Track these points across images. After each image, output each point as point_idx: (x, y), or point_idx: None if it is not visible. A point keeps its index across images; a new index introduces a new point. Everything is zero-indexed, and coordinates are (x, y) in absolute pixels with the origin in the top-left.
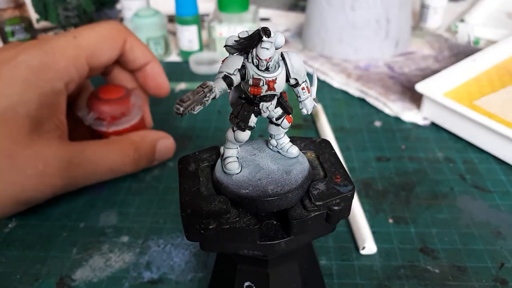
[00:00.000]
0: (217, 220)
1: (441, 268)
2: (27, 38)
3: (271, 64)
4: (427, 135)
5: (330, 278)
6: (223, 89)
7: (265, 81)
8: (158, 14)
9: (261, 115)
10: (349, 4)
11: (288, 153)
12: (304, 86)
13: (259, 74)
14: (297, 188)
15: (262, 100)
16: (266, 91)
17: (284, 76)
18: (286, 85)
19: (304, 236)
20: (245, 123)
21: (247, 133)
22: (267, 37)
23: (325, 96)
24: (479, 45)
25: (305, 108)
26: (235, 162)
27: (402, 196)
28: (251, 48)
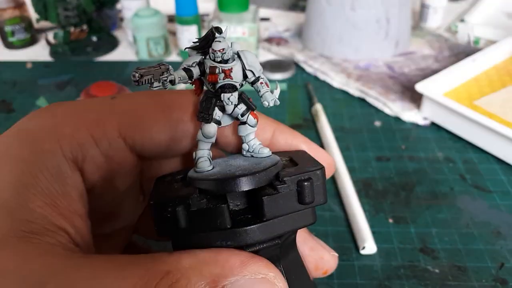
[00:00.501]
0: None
1: (441, 268)
2: (27, 38)
3: (226, 56)
4: (427, 135)
5: (330, 278)
6: (183, 76)
7: (221, 69)
8: (158, 14)
9: (225, 110)
10: (349, 4)
11: (260, 153)
12: (262, 81)
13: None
14: (265, 170)
15: (223, 91)
16: (223, 79)
17: (240, 68)
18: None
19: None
20: (209, 114)
21: (213, 126)
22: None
23: (325, 96)
24: (479, 45)
25: (266, 101)
26: (206, 161)
27: (402, 196)
28: (208, 46)
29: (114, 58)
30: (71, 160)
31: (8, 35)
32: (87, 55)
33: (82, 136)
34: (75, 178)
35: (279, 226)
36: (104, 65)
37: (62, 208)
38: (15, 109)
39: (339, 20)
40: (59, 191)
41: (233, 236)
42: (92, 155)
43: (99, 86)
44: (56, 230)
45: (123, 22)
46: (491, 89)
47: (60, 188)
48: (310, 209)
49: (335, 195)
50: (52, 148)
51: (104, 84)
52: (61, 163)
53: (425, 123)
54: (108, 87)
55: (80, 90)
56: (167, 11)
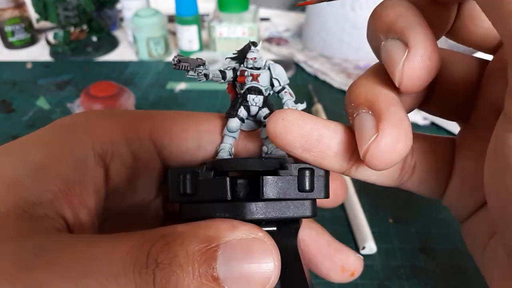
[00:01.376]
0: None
1: (441, 268)
2: (27, 38)
3: (257, 64)
4: None
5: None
6: (217, 74)
7: (250, 73)
8: (158, 14)
9: (250, 111)
10: (349, 4)
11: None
12: (287, 91)
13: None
14: (273, 157)
15: (249, 92)
16: (250, 81)
17: (267, 75)
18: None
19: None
20: (234, 110)
21: (236, 121)
22: (254, 47)
23: (325, 96)
24: None
25: (286, 107)
26: (226, 152)
27: (402, 196)
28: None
29: (114, 58)
30: (99, 155)
31: (8, 35)
32: (87, 55)
33: (114, 134)
34: (97, 172)
35: (276, 209)
36: (104, 65)
37: (72, 196)
38: (15, 109)
39: (339, 20)
40: (76, 180)
41: (232, 209)
42: (121, 153)
43: (99, 86)
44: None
45: (123, 22)
46: None
47: (78, 177)
48: (310, 201)
49: None
50: (82, 140)
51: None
52: (87, 154)
53: (425, 123)
54: (108, 87)
55: (80, 90)
56: (167, 11)
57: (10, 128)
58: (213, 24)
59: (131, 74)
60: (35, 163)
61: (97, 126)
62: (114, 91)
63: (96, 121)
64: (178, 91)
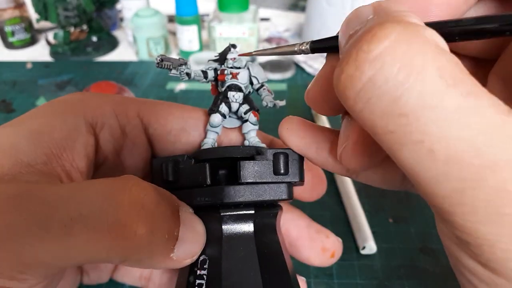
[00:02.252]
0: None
1: (441, 268)
2: (27, 38)
3: (236, 64)
4: None
5: (330, 278)
6: (199, 74)
7: (230, 71)
8: (158, 14)
9: (231, 107)
10: (349, 4)
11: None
12: (265, 88)
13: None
14: (250, 145)
15: (230, 89)
16: (230, 79)
17: (246, 74)
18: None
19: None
20: (216, 106)
21: (217, 117)
22: (233, 48)
23: None
24: None
25: (264, 101)
26: (210, 145)
27: (402, 196)
28: (225, 57)
29: (114, 58)
30: (90, 124)
31: (8, 35)
32: (87, 55)
33: (105, 108)
34: (88, 139)
35: (253, 193)
36: (104, 65)
37: (65, 160)
38: (15, 109)
39: (339, 20)
40: (69, 145)
41: (211, 193)
42: (110, 124)
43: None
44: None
45: (123, 22)
46: None
47: (70, 143)
48: (285, 184)
49: (335, 195)
50: (75, 111)
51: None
52: (79, 122)
53: None
54: (108, 87)
55: (80, 90)
56: (167, 11)
57: None
58: (213, 24)
59: (131, 74)
60: (31, 130)
61: (89, 101)
62: (114, 91)
63: (88, 98)
64: (178, 91)
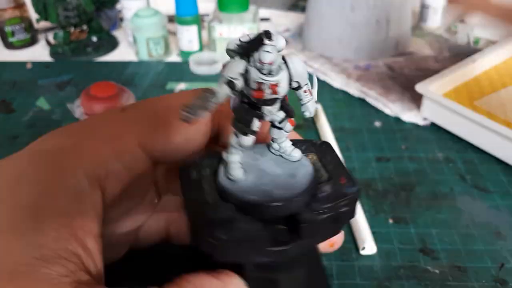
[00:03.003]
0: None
1: (441, 268)
2: (27, 38)
3: (274, 67)
4: (427, 135)
5: (330, 278)
6: (227, 94)
7: (269, 85)
8: (158, 14)
9: (263, 119)
10: (349, 4)
11: (290, 156)
12: (306, 89)
13: (262, 78)
14: (304, 192)
15: (265, 104)
16: (270, 94)
17: (287, 80)
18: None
19: (314, 239)
20: (248, 128)
21: (251, 138)
22: (269, 41)
23: (325, 96)
24: (479, 45)
25: (307, 111)
26: (240, 168)
27: (402, 196)
28: (253, 51)
29: (114, 58)
30: (93, 178)
31: (8, 35)
32: (87, 55)
33: (103, 152)
34: (95, 196)
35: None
36: (104, 65)
37: (76, 228)
38: (15, 109)
39: (339, 21)
40: (76, 210)
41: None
42: (114, 169)
43: (99, 86)
44: (67, 256)
45: (123, 22)
46: (491, 89)
47: (77, 207)
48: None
49: None
50: (72, 166)
51: (104, 84)
52: (81, 181)
53: (425, 123)
54: (108, 87)
55: (80, 90)
56: (167, 11)
57: (10, 128)
58: (213, 24)
59: (131, 74)
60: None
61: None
62: (114, 91)
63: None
64: (179, 91)
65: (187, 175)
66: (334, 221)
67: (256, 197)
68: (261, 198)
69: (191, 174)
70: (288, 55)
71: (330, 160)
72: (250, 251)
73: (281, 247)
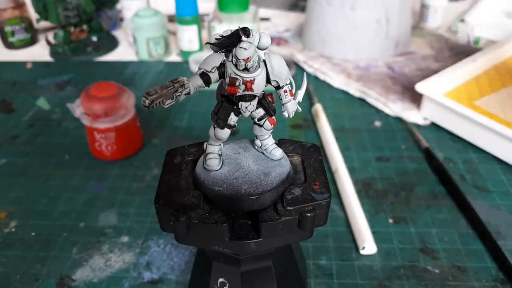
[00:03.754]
0: (187, 214)
1: (441, 268)
2: (27, 38)
3: (250, 64)
4: (427, 135)
5: (330, 278)
6: (199, 85)
7: (242, 80)
8: (158, 14)
9: (241, 115)
10: (349, 4)
11: (271, 155)
12: (286, 89)
13: (236, 73)
14: (271, 190)
15: (241, 99)
16: (243, 91)
17: (263, 78)
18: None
19: (276, 239)
20: (224, 121)
21: (226, 131)
22: (246, 37)
23: (325, 96)
24: (479, 45)
25: (286, 111)
26: (216, 159)
27: (402, 196)
28: (231, 47)
29: (114, 58)
30: None
31: (8, 35)
32: (87, 55)
33: None
34: None
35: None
36: (104, 65)
37: None
38: (15, 109)
39: (339, 20)
40: None
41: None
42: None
43: (99, 86)
44: None
45: (123, 22)
46: (491, 89)
47: None
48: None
49: (335, 195)
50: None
51: (104, 84)
52: None
53: (425, 123)
54: (108, 87)
55: (80, 90)
56: (167, 11)
57: (10, 128)
58: (213, 24)
59: (131, 74)
60: None
61: None
62: (114, 91)
63: None
64: None
65: (171, 159)
66: (299, 225)
67: (222, 189)
68: (227, 191)
69: (175, 158)
70: (268, 54)
71: (313, 163)
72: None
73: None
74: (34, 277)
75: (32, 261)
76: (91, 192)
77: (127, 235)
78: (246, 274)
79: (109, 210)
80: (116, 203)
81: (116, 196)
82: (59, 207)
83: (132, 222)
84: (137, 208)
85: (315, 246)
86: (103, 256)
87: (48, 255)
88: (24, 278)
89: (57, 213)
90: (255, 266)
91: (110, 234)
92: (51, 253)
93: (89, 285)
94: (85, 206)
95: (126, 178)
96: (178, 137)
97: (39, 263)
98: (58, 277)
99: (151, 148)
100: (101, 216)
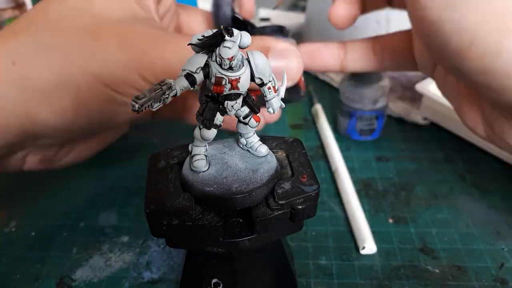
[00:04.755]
0: (180, 217)
1: (441, 268)
2: None
3: (234, 63)
4: (427, 135)
5: (330, 278)
6: (185, 87)
7: (228, 80)
8: None
9: (227, 114)
10: None
11: (257, 152)
12: (270, 86)
13: (221, 72)
14: (261, 186)
15: (227, 98)
16: (229, 90)
17: (248, 76)
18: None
19: (269, 234)
20: (210, 122)
21: (213, 132)
22: (229, 36)
23: (325, 96)
24: None
25: (271, 108)
26: (203, 160)
27: (402, 196)
28: (214, 47)
29: None
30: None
31: None
32: None
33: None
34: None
35: (268, 237)
36: None
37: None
38: None
39: None
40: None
41: (224, 245)
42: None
43: None
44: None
45: None
46: None
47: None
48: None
49: (335, 195)
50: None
51: None
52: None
53: (425, 123)
54: None
55: None
56: None
57: None
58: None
59: None
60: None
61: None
62: None
63: None
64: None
65: (155, 163)
66: (291, 218)
67: (212, 189)
68: (218, 191)
69: (159, 162)
70: (251, 52)
71: (297, 157)
72: (204, 241)
73: (234, 239)
74: (34, 277)
75: (32, 261)
76: (91, 192)
77: (127, 235)
78: (240, 272)
79: (109, 210)
80: (116, 203)
81: (116, 196)
82: (59, 207)
83: (132, 222)
84: (137, 208)
85: (315, 246)
86: (103, 256)
87: (48, 255)
88: (23, 278)
89: (57, 213)
90: (249, 264)
91: (110, 234)
92: (50, 253)
93: (89, 285)
94: (85, 206)
95: (125, 177)
96: (178, 135)
97: (39, 263)
98: (58, 277)
99: (151, 148)
100: (101, 216)
